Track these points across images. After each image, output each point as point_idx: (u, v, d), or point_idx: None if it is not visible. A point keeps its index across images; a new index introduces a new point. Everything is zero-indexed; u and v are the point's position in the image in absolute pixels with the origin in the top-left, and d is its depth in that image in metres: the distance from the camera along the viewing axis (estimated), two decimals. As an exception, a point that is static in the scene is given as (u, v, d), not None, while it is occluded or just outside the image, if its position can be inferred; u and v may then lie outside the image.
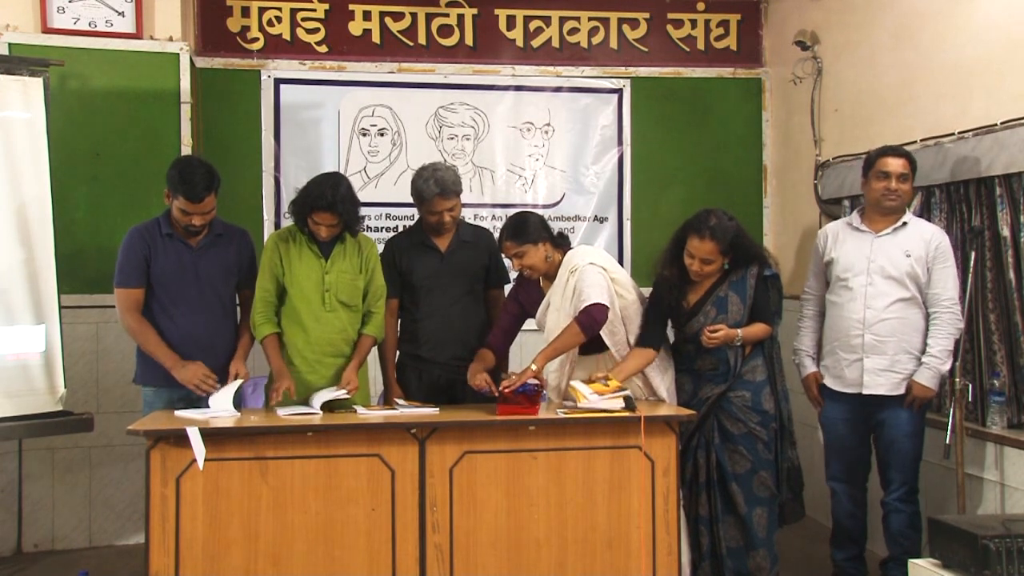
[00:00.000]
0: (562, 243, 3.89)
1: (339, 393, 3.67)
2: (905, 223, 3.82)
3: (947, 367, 3.71)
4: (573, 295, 3.70)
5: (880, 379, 3.77)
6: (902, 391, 3.75)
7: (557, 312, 3.77)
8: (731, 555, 3.73)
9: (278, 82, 5.39)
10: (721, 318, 3.74)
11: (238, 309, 4.00)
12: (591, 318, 3.59)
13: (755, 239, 3.97)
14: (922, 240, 3.76)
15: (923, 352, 3.74)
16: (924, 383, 3.70)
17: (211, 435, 3.32)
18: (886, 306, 3.76)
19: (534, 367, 3.57)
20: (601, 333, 3.69)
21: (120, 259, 3.77)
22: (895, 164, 3.80)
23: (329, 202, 3.62)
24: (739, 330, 3.71)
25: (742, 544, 3.73)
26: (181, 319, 3.78)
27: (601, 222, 5.70)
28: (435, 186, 3.90)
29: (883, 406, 3.80)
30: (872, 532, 4.07)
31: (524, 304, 3.95)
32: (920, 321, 3.77)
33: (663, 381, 3.82)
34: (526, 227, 3.76)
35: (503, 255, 3.90)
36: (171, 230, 3.78)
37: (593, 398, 3.53)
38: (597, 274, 3.70)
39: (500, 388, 3.55)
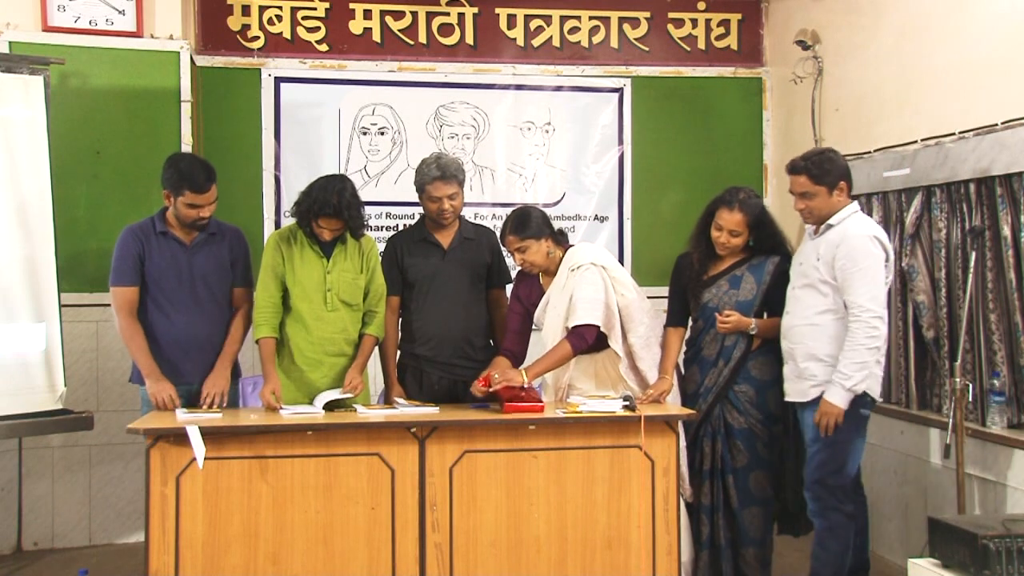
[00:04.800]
0: (562, 240, 3.90)
1: (342, 395, 3.68)
2: (831, 225, 3.57)
3: (858, 384, 3.42)
4: (569, 300, 3.71)
5: (792, 386, 3.64)
6: (811, 397, 3.54)
7: (555, 310, 3.78)
8: (729, 547, 3.76)
9: (278, 81, 5.39)
10: (732, 294, 3.80)
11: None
12: (583, 340, 3.68)
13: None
14: (833, 244, 3.52)
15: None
16: (828, 398, 3.45)
17: (211, 434, 3.32)
18: (801, 312, 3.60)
19: (525, 381, 3.62)
20: (603, 329, 3.71)
21: (114, 258, 3.78)
22: (792, 184, 3.63)
23: (335, 208, 3.63)
24: (753, 319, 3.74)
25: (733, 539, 3.75)
26: (177, 317, 3.79)
27: (601, 221, 5.70)
28: (436, 170, 3.91)
29: (801, 412, 3.66)
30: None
31: (524, 301, 3.95)
32: (840, 329, 3.50)
33: (664, 380, 3.83)
34: (529, 221, 3.77)
35: (505, 248, 3.90)
36: (166, 228, 3.79)
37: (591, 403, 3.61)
38: (594, 284, 3.71)
39: (482, 384, 3.60)
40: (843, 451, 3.54)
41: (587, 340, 3.69)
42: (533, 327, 3.96)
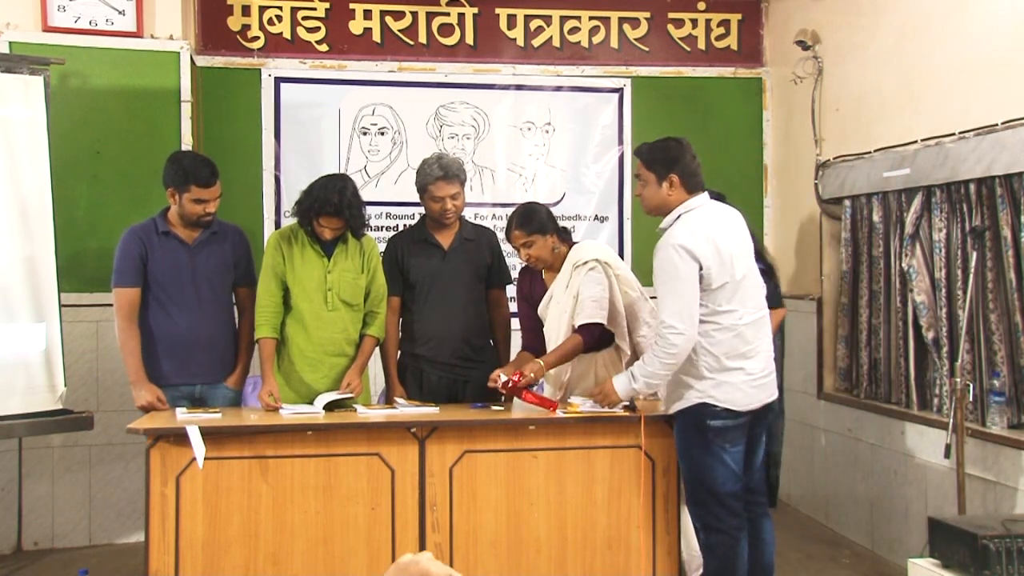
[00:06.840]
0: (567, 237, 3.93)
1: (341, 395, 3.70)
2: (664, 230, 3.35)
3: (642, 388, 3.34)
4: (576, 299, 3.72)
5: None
6: (673, 410, 3.36)
7: (558, 306, 3.79)
8: None
9: (279, 81, 5.39)
10: None
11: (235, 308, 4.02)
12: (592, 336, 3.70)
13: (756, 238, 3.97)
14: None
15: (694, 375, 3.27)
16: (613, 380, 3.41)
17: (211, 434, 3.32)
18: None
19: (544, 369, 3.62)
20: (608, 326, 3.73)
21: (116, 259, 3.79)
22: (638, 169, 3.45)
23: (337, 207, 3.64)
24: None
25: None
26: (180, 317, 3.79)
27: (602, 221, 5.70)
28: (438, 170, 3.91)
29: None
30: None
31: (529, 299, 3.96)
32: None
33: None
34: (534, 217, 3.79)
35: (510, 244, 3.90)
36: (168, 228, 3.80)
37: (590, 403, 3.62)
38: (600, 283, 3.72)
39: (508, 385, 3.56)
40: (695, 465, 3.32)
41: (595, 338, 3.71)
42: None
